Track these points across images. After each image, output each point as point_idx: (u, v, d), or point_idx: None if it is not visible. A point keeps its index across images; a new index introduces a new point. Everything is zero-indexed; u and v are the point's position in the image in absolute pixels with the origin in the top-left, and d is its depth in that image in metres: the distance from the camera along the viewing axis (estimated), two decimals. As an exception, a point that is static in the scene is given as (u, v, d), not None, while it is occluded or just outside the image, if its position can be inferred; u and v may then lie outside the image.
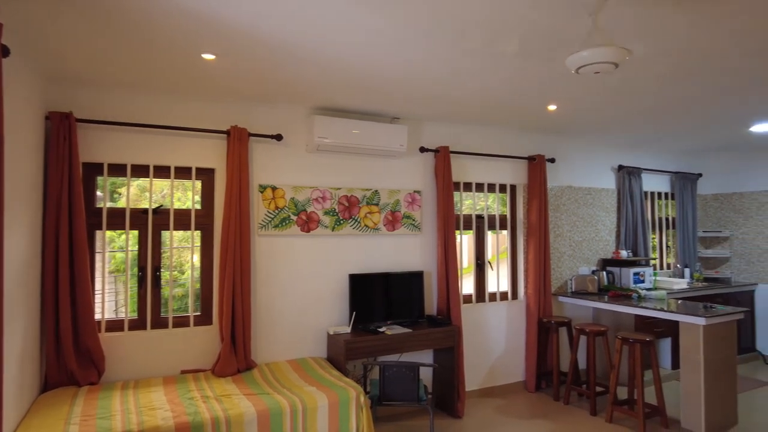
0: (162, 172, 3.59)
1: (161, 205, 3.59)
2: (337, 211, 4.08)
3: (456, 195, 4.76)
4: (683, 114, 4.26)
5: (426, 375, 4.41)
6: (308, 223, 3.96)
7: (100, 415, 2.64)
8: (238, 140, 3.61)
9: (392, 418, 4.17)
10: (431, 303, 4.53)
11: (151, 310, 3.53)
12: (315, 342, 3.99)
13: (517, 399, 4.66)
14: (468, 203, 4.87)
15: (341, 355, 3.62)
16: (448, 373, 4.20)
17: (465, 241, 4.90)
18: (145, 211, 3.54)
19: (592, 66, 1.92)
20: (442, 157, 4.43)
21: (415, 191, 4.45)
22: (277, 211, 3.84)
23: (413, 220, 4.43)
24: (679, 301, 4.61)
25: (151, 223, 3.54)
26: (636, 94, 3.65)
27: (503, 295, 5.00)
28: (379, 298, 4.09)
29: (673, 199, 6.50)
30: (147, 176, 3.54)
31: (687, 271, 6.08)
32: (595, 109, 4.12)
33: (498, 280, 5.00)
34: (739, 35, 2.56)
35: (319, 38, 2.57)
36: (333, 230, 4.05)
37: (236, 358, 3.52)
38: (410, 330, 3.92)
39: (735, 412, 4.10)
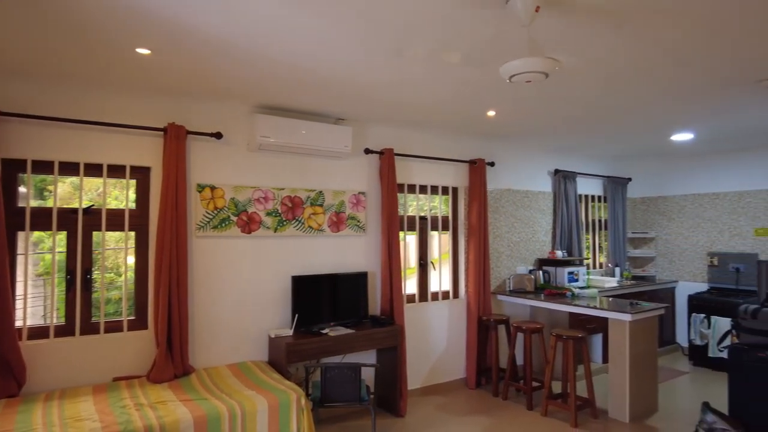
0: (94, 170, 3.41)
1: (92, 205, 3.41)
2: (280, 211, 4.03)
3: (400, 196, 4.82)
4: (613, 122, 4.52)
5: (369, 375, 4.44)
6: (249, 224, 3.88)
7: (18, 430, 2.48)
8: (175, 138, 3.50)
9: (334, 419, 4.17)
10: (375, 303, 4.57)
11: (80, 316, 3.34)
12: (256, 345, 3.92)
13: (458, 396, 4.78)
14: (412, 204, 4.94)
15: (283, 358, 3.58)
16: (391, 373, 4.25)
17: (409, 242, 4.97)
18: (74, 210, 3.35)
19: (524, 75, 2.01)
20: (386, 158, 4.48)
21: (359, 192, 4.47)
22: (216, 212, 3.75)
23: (358, 221, 4.45)
24: (610, 299, 4.88)
25: (81, 224, 3.36)
26: (569, 102, 3.83)
27: (445, 295, 5.12)
28: (322, 299, 4.08)
29: (605, 201, 6.87)
30: (77, 174, 3.35)
31: (617, 270, 6.45)
32: (531, 116, 4.29)
33: (440, 279, 5.11)
34: (663, 49, 2.74)
35: (260, 37, 2.54)
36: (275, 231, 4.00)
37: (173, 363, 3.41)
38: (353, 331, 3.94)
39: (656, 401, 4.40)
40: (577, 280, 5.60)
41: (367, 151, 4.47)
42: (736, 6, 2.19)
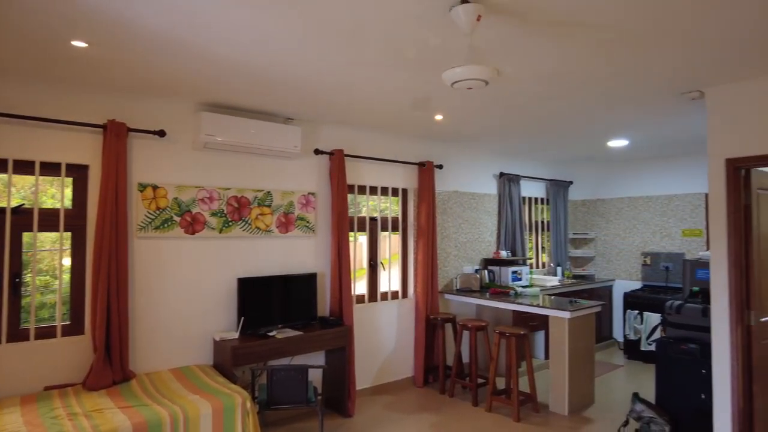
0: (26, 167, 3.23)
1: (23, 204, 3.23)
2: (225, 212, 3.95)
3: (351, 197, 4.84)
4: (554, 128, 4.72)
5: (317, 376, 4.43)
6: (193, 225, 3.79)
7: (-62, 443, 2.32)
8: (115, 135, 3.37)
9: (282, 422, 4.13)
10: (325, 304, 4.56)
11: (7, 322, 3.16)
12: (201, 349, 3.83)
13: (406, 394, 4.85)
14: (362, 205, 4.97)
15: (228, 362, 3.52)
16: (340, 373, 4.26)
17: (361, 243, 4.99)
18: (2, 210, 3.16)
19: (465, 82, 2.08)
20: (336, 159, 4.48)
21: (309, 193, 4.45)
22: (158, 212, 3.64)
23: (307, 221, 4.43)
24: (552, 297, 5.10)
25: (9, 224, 3.18)
26: (512, 108, 3.98)
27: (394, 295, 5.18)
28: (270, 301, 4.04)
29: (547, 204, 7.15)
30: (5, 171, 3.16)
31: (559, 269, 6.72)
32: (476, 121, 4.42)
33: (390, 280, 5.16)
34: (597, 61, 2.90)
35: (206, 33, 2.49)
36: (221, 232, 3.92)
37: (111, 369, 3.28)
38: (302, 332, 3.92)
39: (593, 393, 4.63)
40: (520, 279, 5.80)
41: (317, 152, 4.46)
42: (661, 24, 2.35)
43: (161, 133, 3.61)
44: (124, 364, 3.36)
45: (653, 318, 5.90)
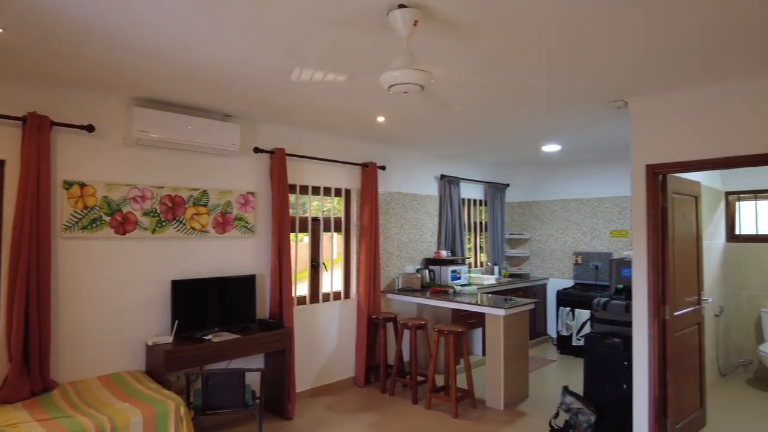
0: (-71, 161, 2.97)
1: (-73, 202, 2.97)
2: (158, 211, 3.80)
3: (292, 197, 4.78)
4: (492, 133, 4.88)
5: (255, 379, 4.35)
6: (124, 225, 3.62)
7: None
8: (37, 129, 3.16)
9: (219, 427, 4.02)
10: (264, 306, 4.49)
11: None
12: (132, 354, 3.66)
13: (347, 395, 4.86)
14: (305, 206, 4.92)
15: (161, 367, 3.38)
16: (280, 376, 4.20)
17: (303, 243, 4.94)
18: None
19: (402, 86, 2.12)
20: (277, 158, 4.42)
21: (248, 192, 4.36)
22: (85, 211, 3.44)
23: (246, 222, 4.33)
24: (489, 295, 5.26)
25: None
26: (450, 113, 4.07)
27: (336, 295, 5.17)
28: (206, 304, 3.92)
29: (485, 205, 7.38)
30: None
31: (496, 268, 6.96)
32: (418, 124, 4.49)
33: (332, 280, 5.15)
34: (529, 70, 3.03)
35: (137, 23, 2.39)
36: (153, 233, 3.76)
37: (29, 379, 3.07)
38: (239, 335, 3.84)
39: (527, 388, 4.82)
40: (459, 278, 5.95)
41: (257, 150, 4.38)
42: (590, 39, 2.49)
43: (90, 128, 3.42)
44: (45, 374, 3.15)
45: (583, 314, 6.22)
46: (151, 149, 3.79)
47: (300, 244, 4.90)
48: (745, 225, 5.61)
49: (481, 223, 7.34)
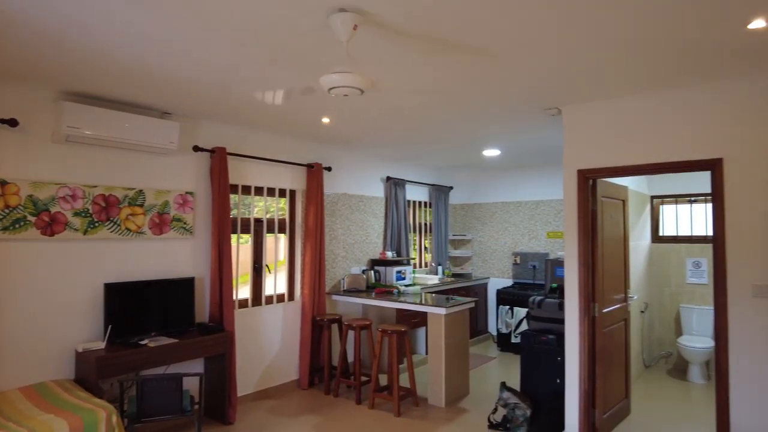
0: None
1: None
2: (91, 211, 3.62)
3: (234, 198, 4.69)
4: (435, 137, 4.98)
5: (194, 384, 4.23)
6: (52, 226, 3.42)
7: None
8: (-49, 123, 2.94)
9: (156, 435, 3.89)
10: (204, 310, 4.37)
11: None
12: (60, 362, 3.47)
13: (291, 397, 4.81)
14: (248, 206, 4.84)
15: (93, 374, 3.23)
16: (220, 380, 4.11)
17: (244, 245, 4.85)
18: None
19: (341, 89, 2.14)
20: (218, 158, 4.32)
21: (187, 192, 4.23)
22: (7, 211, 3.23)
23: (185, 223, 4.21)
24: (433, 295, 5.37)
25: None
26: (395, 117, 4.13)
27: (280, 297, 5.11)
28: (142, 307, 3.78)
29: (430, 207, 7.52)
30: None
31: (440, 268, 7.10)
32: (363, 126, 4.52)
33: (275, 282, 5.08)
34: (468, 78, 3.12)
35: (63, 12, 2.27)
36: (85, 234, 3.59)
37: (-58, 391, 2.85)
38: (177, 340, 3.72)
39: (468, 385, 4.96)
40: (404, 279, 6.03)
41: (197, 149, 4.26)
42: (526, 49, 2.61)
43: (12, 123, 3.22)
44: (-40, 385, 2.94)
45: (521, 312, 6.47)
46: (83, 146, 3.61)
47: (243, 245, 4.81)
48: (668, 227, 6.03)
49: (426, 224, 7.47)
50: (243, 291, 4.80)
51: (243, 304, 4.75)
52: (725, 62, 2.85)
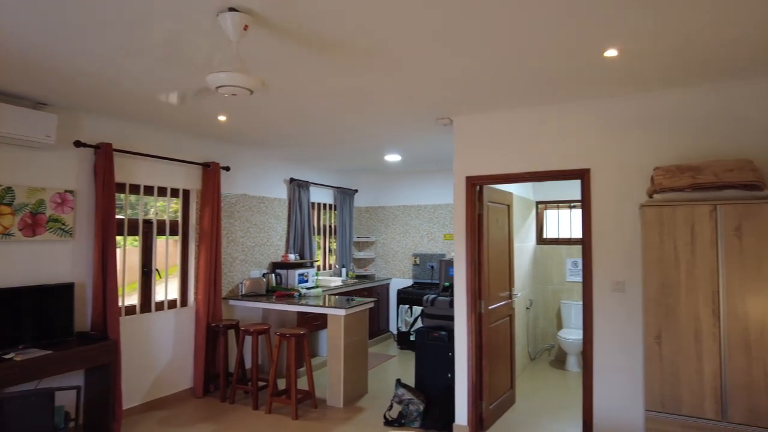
0: None
1: None
2: (-55, 211, 3.23)
3: (121, 198, 4.40)
4: (336, 140, 5.04)
5: (72, 399, 3.90)
6: None
7: None
8: None
9: (24, 457, 3.53)
10: (86, 318, 4.05)
11: None
12: None
13: (184, 407, 4.61)
14: (134, 207, 4.56)
15: (-57, 393, 2.87)
16: (104, 392, 3.83)
17: (130, 248, 4.56)
18: None
19: (229, 88, 2.12)
20: (103, 154, 4.04)
21: (66, 191, 3.91)
22: None
23: (63, 224, 3.88)
24: (335, 297, 5.41)
25: None
26: (294, 118, 4.12)
27: (172, 303, 4.87)
28: (10, 317, 3.42)
29: (335, 209, 7.57)
30: None
31: (344, 270, 7.17)
32: (262, 126, 4.46)
33: (166, 287, 4.84)
34: (366, 84, 3.21)
35: None
36: (-63, 236, 3.19)
37: None
38: (51, 351, 3.42)
39: (366, 384, 5.06)
40: (306, 281, 6.02)
41: (79, 144, 3.95)
42: (412, 53, 2.75)
43: None
44: None
45: (419, 311, 6.72)
46: (-65, 137, 3.20)
47: (130, 248, 4.53)
48: (551, 230, 6.59)
49: (331, 226, 7.51)
50: (131, 297, 4.52)
51: (131, 310, 4.47)
52: (591, 84, 3.21)
